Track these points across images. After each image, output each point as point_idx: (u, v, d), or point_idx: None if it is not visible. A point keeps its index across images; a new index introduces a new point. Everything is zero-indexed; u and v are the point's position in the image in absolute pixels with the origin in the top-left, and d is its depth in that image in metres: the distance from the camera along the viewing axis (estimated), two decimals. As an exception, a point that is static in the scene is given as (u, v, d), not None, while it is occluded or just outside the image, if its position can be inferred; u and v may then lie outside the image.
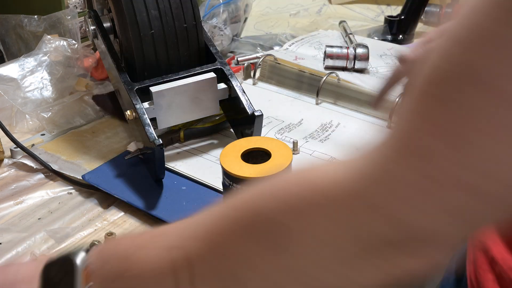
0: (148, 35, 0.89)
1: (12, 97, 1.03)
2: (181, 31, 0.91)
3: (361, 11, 1.59)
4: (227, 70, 0.92)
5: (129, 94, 0.87)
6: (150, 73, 0.91)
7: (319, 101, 1.07)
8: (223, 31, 1.25)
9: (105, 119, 1.06)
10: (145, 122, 0.85)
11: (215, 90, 0.91)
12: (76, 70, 1.10)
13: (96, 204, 0.86)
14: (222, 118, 0.99)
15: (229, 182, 0.79)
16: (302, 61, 1.17)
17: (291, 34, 1.37)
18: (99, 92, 1.09)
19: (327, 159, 0.93)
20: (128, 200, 0.84)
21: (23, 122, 1.03)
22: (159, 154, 0.83)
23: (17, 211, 0.85)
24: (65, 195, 0.88)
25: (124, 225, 0.82)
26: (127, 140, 0.99)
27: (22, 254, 0.77)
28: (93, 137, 1.00)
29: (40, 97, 1.05)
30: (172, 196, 0.85)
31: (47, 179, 0.92)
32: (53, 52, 1.08)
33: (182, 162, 0.92)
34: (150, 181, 0.88)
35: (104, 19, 0.98)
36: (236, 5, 1.28)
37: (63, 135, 1.01)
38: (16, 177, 0.92)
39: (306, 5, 1.60)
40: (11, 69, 1.06)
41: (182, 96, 0.90)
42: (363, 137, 1.02)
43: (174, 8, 0.90)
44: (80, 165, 0.92)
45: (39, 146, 0.97)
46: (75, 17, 1.16)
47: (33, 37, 1.17)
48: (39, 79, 1.06)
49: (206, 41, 0.95)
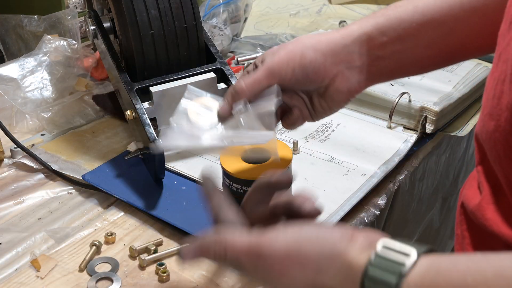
0: (148, 35, 0.89)
1: (12, 97, 1.03)
2: (181, 31, 0.91)
3: (361, 11, 1.58)
4: (227, 70, 0.92)
5: (129, 94, 0.87)
6: (150, 73, 0.91)
7: (319, 101, 1.07)
8: (223, 31, 1.25)
9: (105, 119, 1.06)
10: (145, 122, 0.85)
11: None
12: (76, 70, 1.10)
13: (96, 204, 0.86)
14: (222, 118, 0.99)
15: (229, 182, 0.79)
16: (302, 61, 1.16)
17: (291, 34, 1.37)
18: (99, 92, 1.09)
19: (327, 159, 0.93)
20: (128, 200, 0.84)
21: (23, 122, 1.03)
22: (159, 154, 0.83)
23: (17, 211, 0.85)
24: (65, 195, 0.88)
25: (124, 225, 0.82)
26: (127, 140, 0.99)
27: (22, 254, 0.77)
28: (93, 137, 1.00)
29: (40, 97, 1.05)
30: (172, 196, 0.85)
31: (47, 179, 0.92)
32: (53, 52, 1.08)
33: (182, 162, 0.92)
34: (150, 181, 0.88)
35: (104, 19, 0.98)
36: (236, 5, 1.28)
37: (63, 135, 1.01)
38: (16, 177, 0.92)
39: (306, 5, 1.59)
40: (11, 69, 1.06)
41: (182, 96, 0.89)
42: (363, 137, 1.02)
43: (174, 8, 0.90)
44: (80, 165, 0.92)
45: (39, 146, 0.97)
46: (75, 17, 1.16)
47: (33, 37, 1.17)
48: (39, 79, 1.06)
49: (206, 41, 0.95)
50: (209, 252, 0.56)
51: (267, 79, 0.70)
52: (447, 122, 1.04)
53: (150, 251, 0.76)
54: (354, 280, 0.48)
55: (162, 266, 0.74)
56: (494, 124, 0.53)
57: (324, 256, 0.50)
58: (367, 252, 0.49)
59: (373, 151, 0.94)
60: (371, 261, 0.48)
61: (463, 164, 1.22)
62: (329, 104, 0.74)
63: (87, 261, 0.75)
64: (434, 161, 1.07)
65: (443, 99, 1.03)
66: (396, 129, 1.01)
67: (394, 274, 0.46)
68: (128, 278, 0.73)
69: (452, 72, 1.14)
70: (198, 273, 0.74)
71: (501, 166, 0.54)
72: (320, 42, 0.71)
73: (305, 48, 0.70)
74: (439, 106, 0.99)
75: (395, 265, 0.47)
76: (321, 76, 0.71)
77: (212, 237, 0.56)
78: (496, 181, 0.57)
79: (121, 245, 0.79)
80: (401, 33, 0.70)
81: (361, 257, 0.49)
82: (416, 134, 0.98)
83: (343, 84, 0.72)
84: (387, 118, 1.01)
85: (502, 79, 0.54)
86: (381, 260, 0.47)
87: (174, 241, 0.79)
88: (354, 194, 0.85)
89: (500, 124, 0.53)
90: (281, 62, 0.70)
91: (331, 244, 0.51)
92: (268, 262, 0.52)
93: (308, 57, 0.70)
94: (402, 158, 0.94)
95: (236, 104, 0.71)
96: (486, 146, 0.57)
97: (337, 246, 0.50)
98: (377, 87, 1.04)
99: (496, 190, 0.57)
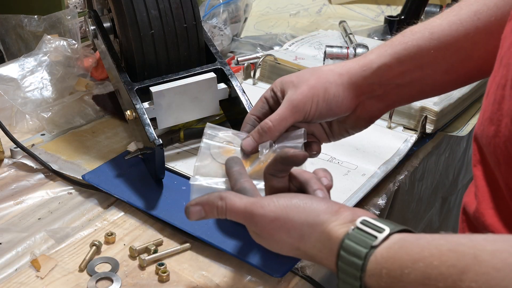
0: (148, 35, 0.89)
1: (12, 97, 1.03)
2: (181, 31, 0.91)
3: (361, 11, 1.59)
4: (227, 70, 0.92)
5: (129, 94, 0.87)
6: (150, 73, 0.91)
7: (319, 101, 1.07)
8: (223, 31, 1.25)
9: (105, 119, 1.06)
10: (145, 122, 0.85)
11: (215, 90, 0.91)
12: (76, 70, 1.10)
13: (96, 204, 0.86)
14: (222, 118, 0.99)
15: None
16: (302, 61, 1.17)
17: (291, 34, 1.37)
18: (99, 92, 1.09)
19: (327, 159, 0.93)
20: (128, 200, 0.84)
21: (23, 122, 1.03)
22: (159, 154, 0.83)
23: (17, 211, 0.85)
24: (65, 195, 0.88)
25: (124, 225, 0.82)
26: (127, 140, 0.99)
27: (22, 254, 0.77)
28: (93, 137, 1.00)
29: (40, 97, 1.05)
30: (172, 196, 0.85)
31: (47, 179, 0.92)
32: (53, 52, 1.08)
33: (182, 162, 0.92)
34: (150, 181, 0.88)
35: (104, 19, 0.98)
36: (236, 5, 1.28)
37: (63, 135, 1.01)
38: (16, 177, 0.92)
39: (306, 5, 1.60)
40: (11, 69, 1.06)
41: (182, 96, 0.90)
42: (363, 137, 1.03)
43: (174, 8, 0.90)
44: (80, 165, 0.92)
45: (39, 146, 0.97)
46: (75, 17, 1.16)
47: (33, 37, 1.17)
48: (39, 79, 1.06)
49: (206, 41, 0.95)
50: (212, 208, 0.61)
51: (293, 116, 0.72)
52: (447, 122, 1.04)
53: (150, 251, 0.76)
54: (332, 249, 0.54)
55: (162, 266, 0.74)
56: (494, 129, 0.54)
57: (307, 224, 0.56)
58: (347, 226, 0.54)
59: (373, 151, 0.94)
60: (348, 234, 0.53)
61: (463, 164, 1.22)
62: (348, 130, 0.77)
63: (87, 261, 0.75)
64: (434, 161, 1.07)
65: (443, 99, 1.03)
66: (396, 129, 1.01)
67: (366, 246, 0.52)
68: (128, 278, 0.73)
69: (452, 72, 1.13)
70: (198, 273, 0.74)
71: (500, 172, 0.55)
72: (342, 76, 0.73)
73: (328, 83, 0.72)
74: (439, 106, 0.99)
75: (367, 239, 0.52)
76: (344, 108, 0.73)
77: (217, 195, 0.62)
78: (495, 185, 0.57)
79: (121, 245, 0.79)
80: (420, 61, 0.71)
81: (341, 229, 0.54)
82: (416, 134, 0.98)
83: (364, 113, 0.74)
84: (387, 118, 1.01)
85: (503, 84, 0.54)
86: (357, 233, 0.53)
87: (174, 241, 0.79)
88: (354, 194, 0.85)
89: (501, 129, 0.53)
90: (305, 98, 0.71)
91: (315, 214, 0.56)
92: (258, 224, 0.59)
93: (331, 92, 0.72)
94: (402, 158, 0.94)
95: (262, 144, 0.73)
96: (486, 150, 0.57)
97: (321, 216, 0.56)
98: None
99: (495, 194, 0.58)
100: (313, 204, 0.57)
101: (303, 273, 0.74)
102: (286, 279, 0.73)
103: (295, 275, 0.74)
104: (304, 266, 0.74)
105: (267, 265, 0.73)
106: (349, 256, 0.52)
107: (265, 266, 0.73)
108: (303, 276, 0.73)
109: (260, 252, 0.74)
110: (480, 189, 0.59)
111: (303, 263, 0.74)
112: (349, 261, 0.52)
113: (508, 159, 0.53)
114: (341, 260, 0.53)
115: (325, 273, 0.78)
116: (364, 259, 0.51)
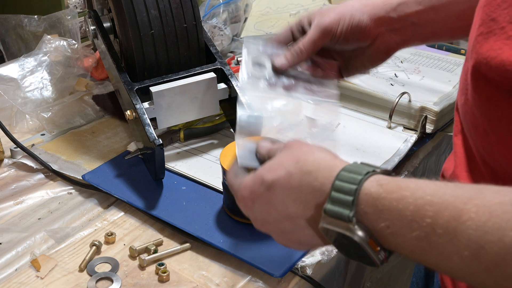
0: (148, 35, 0.89)
1: (12, 97, 1.03)
2: (181, 31, 0.91)
3: (361, 11, 1.58)
4: (227, 70, 0.92)
5: (129, 94, 0.87)
6: (150, 73, 0.91)
7: (319, 101, 1.07)
8: (223, 31, 1.25)
9: (105, 119, 1.06)
10: (145, 122, 0.85)
11: (215, 90, 0.91)
12: (76, 70, 1.10)
13: (96, 204, 0.86)
14: (222, 118, 0.99)
15: (229, 182, 0.79)
16: (302, 61, 1.16)
17: (291, 34, 1.37)
18: (99, 92, 1.09)
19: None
20: (128, 200, 0.84)
21: (23, 122, 1.03)
22: (159, 154, 0.83)
23: (17, 211, 0.85)
24: (65, 195, 0.88)
25: (124, 225, 0.82)
26: (127, 140, 0.99)
27: (22, 254, 0.77)
28: (93, 137, 1.00)
29: (40, 97, 1.05)
30: (172, 196, 0.85)
31: (47, 179, 0.92)
32: (53, 52, 1.08)
33: (182, 162, 0.92)
34: (150, 181, 0.88)
35: (104, 19, 0.98)
36: (236, 5, 1.28)
37: (63, 135, 1.01)
38: (16, 177, 0.92)
39: (306, 5, 1.60)
40: (11, 69, 1.06)
41: (182, 96, 0.90)
42: (363, 137, 1.02)
43: (174, 8, 0.90)
44: (80, 165, 0.92)
45: (39, 146, 0.97)
46: (75, 17, 1.17)
47: (33, 37, 1.17)
48: (39, 79, 1.06)
49: (206, 41, 0.95)
50: (233, 188, 0.62)
51: (321, 38, 0.78)
52: (447, 122, 1.04)
53: (150, 251, 0.76)
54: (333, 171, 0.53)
55: (162, 266, 0.74)
56: (464, 98, 0.59)
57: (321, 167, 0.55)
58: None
59: (373, 151, 0.94)
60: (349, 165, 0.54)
61: (463, 164, 1.22)
62: (365, 64, 0.82)
63: (87, 261, 0.75)
64: (434, 161, 1.07)
65: (443, 99, 1.03)
66: (396, 129, 1.01)
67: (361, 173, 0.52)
68: (128, 278, 0.73)
69: (452, 72, 1.14)
70: (198, 273, 0.74)
71: (471, 136, 0.59)
72: (366, 6, 0.80)
73: (354, 10, 0.79)
74: (439, 106, 0.99)
75: (364, 169, 0.52)
76: (366, 35, 0.79)
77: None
78: (470, 151, 0.61)
79: (121, 245, 0.79)
80: (435, 3, 0.78)
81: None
82: (416, 134, 0.98)
83: (383, 45, 0.80)
84: (387, 118, 1.01)
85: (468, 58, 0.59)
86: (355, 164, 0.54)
87: (174, 241, 0.79)
88: (354, 194, 0.85)
89: (468, 98, 0.57)
90: (333, 22, 0.78)
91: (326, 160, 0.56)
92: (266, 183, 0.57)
93: (356, 18, 0.78)
94: (402, 158, 0.94)
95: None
96: (462, 119, 0.62)
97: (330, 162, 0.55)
98: (377, 87, 1.05)
99: (470, 159, 0.61)
100: (321, 151, 0.58)
101: (303, 273, 0.74)
102: (286, 279, 0.73)
103: (295, 275, 0.74)
104: (304, 266, 0.74)
105: (267, 265, 0.73)
106: (350, 173, 0.52)
107: (265, 266, 0.73)
108: (303, 276, 0.74)
109: (260, 252, 0.74)
110: (458, 156, 0.63)
111: (303, 263, 0.74)
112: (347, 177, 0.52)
113: (474, 123, 0.57)
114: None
115: (325, 273, 0.78)
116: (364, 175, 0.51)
